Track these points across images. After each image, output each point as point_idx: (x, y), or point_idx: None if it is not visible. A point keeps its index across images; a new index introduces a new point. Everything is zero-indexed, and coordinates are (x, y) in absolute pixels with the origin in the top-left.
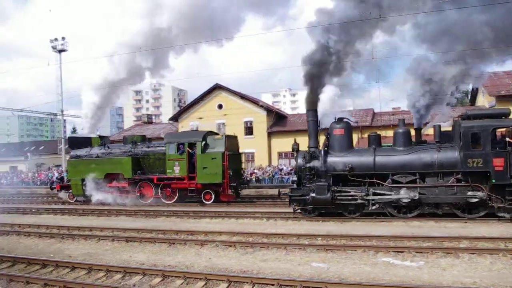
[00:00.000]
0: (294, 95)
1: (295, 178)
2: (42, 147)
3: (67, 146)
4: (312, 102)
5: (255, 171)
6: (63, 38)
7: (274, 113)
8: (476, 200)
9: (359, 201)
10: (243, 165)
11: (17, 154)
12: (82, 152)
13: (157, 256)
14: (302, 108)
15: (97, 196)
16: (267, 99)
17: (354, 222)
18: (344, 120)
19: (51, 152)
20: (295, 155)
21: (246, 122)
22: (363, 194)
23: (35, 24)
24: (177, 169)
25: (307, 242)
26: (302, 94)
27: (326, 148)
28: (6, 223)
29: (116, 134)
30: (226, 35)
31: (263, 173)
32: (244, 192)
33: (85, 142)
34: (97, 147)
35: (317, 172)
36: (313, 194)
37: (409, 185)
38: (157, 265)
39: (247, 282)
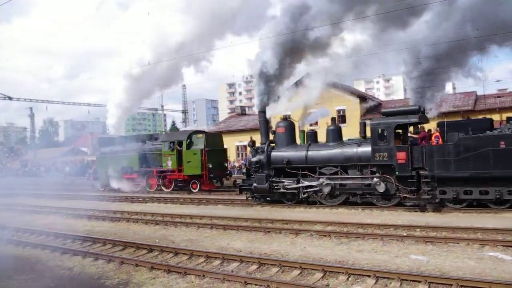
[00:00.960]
0: (388, 80)
1: (244, 171)
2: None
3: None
4: (262, 104)
5: None
6: None
7: (367, 100)
8: (382, 190)
9: (289, 190)
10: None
11: None
12: (106, 149)
13: (253, 244)
14: (397, 94)
15: (116, 185)
16: (359, 86)
17: (456, 213)
18: (288, 119)
19: None
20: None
21: (338, 111)
22: (295, 184)
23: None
24: (169, 163)
25: (405, 234)
26: (397, 79)
27: (271, 144)
28: (117, 210)
29: (212, 125)
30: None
31: None
32: None
33: (112, 141)
34: (118, 146)
35: (262, 165)
36: (255, 184)
37: (330, 176)
38: (254, 252)
39: (342, 273)
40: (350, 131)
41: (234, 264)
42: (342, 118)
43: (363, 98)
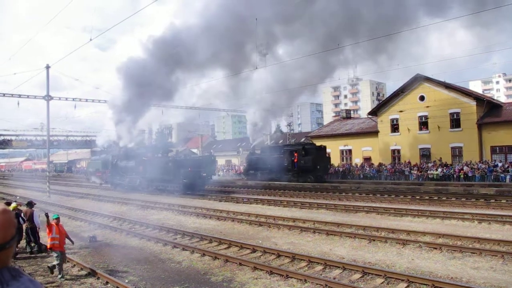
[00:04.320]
0: (510, 80)
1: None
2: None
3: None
4: None
5: (464, 167)
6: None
7: (485, 102)
8: None
9: None
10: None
11: (231, 149)
12: (95, 156)
13: (356, 252)
14: None
15: (95, 180)
16: (476, 87)
17: None
18: None
19: None
20: None
21: (452, 114)
22: None
23: None
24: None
25: None
26: None
27: None
28: (223, 209)
29: (316, 130)
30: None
31: (472, 170)
32: (452, 189)
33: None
34: (103, 154)
35: None
36: None
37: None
38: (357, 261)
39: None
40: (465, 136)
41: (336, 271)
42: (455, 122)
43: (480, 100)
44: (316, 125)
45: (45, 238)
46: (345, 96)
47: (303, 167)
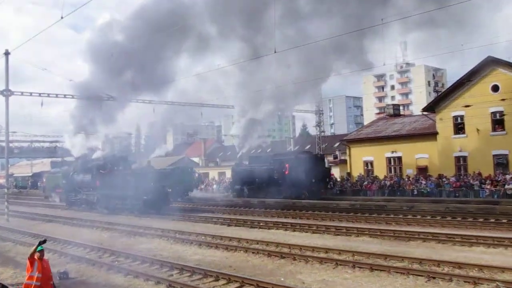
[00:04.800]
0: None
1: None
2: (269, 149)
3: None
4: None
5: None
6: None
7: None
8: None
9: None
10: None
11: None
12: (56, 168)
13: None
14: None
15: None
16: None
17: None
18: None
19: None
20: None
21: (493, 113)
22: None
23: None
24: None
25: None
26: None
27: None
28: (233, 237)
29: (355, 132)
30: None
31: None
32: None
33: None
34: (66, 166)
35: None
36: None
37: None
38: None
39: None
40: (510, 139)
41: None
42: (498, 122)
43: None
44: (353, 126)
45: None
46: (392, 87)
47: (295, 180)
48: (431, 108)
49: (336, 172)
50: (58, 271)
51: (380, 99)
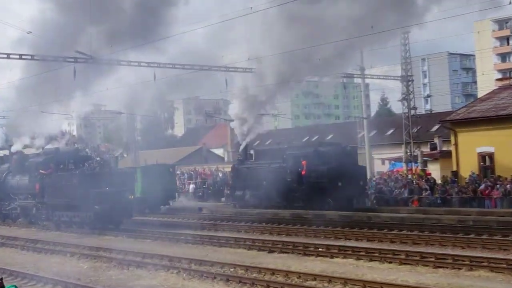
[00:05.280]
0: None
1: None
2: (331, 135)
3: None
4: None
5: None
6: None
7: None
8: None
9: None
10: None
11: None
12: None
13: None
14: None
15: None
16: None
17: None
18: None
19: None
20: None
21: None
22: None
23: None
24: None
25: None
26: None
27: None
28: (278, 269)
29: (463, 109)
30: None
31: None
32: None
33: None
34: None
35: None
36: None
37: None
38: None
39: None
40: None
41: None
42: None
43: None
44: (462, 99)
45: None
46: None
47: (315, 184)
48: None
49: (435, 171)
50: None
51: (504, 57)
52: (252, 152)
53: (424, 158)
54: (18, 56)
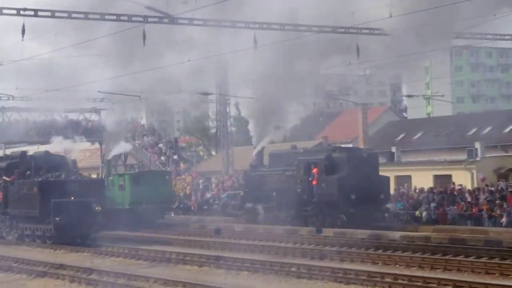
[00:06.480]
0: None
1: None
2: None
3: None
4: None
5: None
6: None
7: None
8: None
9: None
10: None
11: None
12: None
13: None
14: None
15: None
16: None
17: None
18: None
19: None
20: None
21: None
22: None
23: None
24: None
25: None
26: None
27: None
28: None
29: None
30: None
31: None
32: None
33: None
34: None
35: None
36: None
37: None
38: None
39: None
40: None
41: None
42: None
43: None
44: None
45: None
46: None
47: (326, 196)
48: None
49: None
50: None
51: None
52: (268, 155)
53: None
54: (66, 15)
